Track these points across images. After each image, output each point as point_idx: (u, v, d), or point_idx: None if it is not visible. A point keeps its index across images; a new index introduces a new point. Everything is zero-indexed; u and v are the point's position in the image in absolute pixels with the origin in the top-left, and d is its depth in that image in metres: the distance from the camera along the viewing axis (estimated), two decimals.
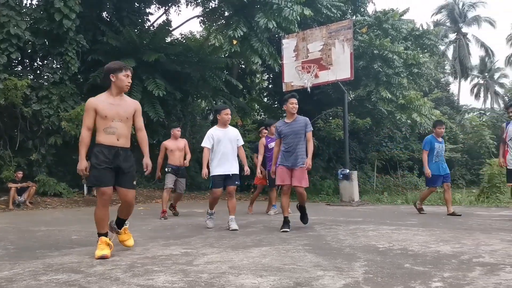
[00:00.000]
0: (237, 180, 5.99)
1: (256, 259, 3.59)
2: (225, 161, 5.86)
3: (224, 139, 5.90)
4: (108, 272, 3.14)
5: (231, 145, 5.94)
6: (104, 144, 3.90)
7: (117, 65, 4.07)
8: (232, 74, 18.12)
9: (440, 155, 7.81)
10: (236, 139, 6.03)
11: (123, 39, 13.38)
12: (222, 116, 6.02)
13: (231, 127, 6.22)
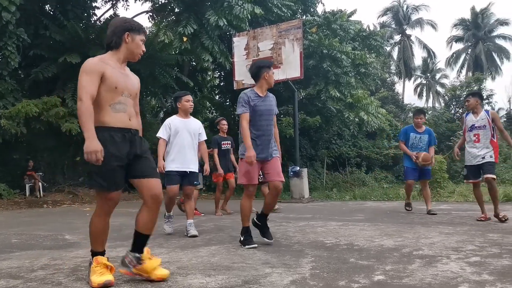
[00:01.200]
0: (196, 180, 5.30)
1: (205, 259, 3.58)
2: (183, 156, 5.13)
3: (183, 130, 5.16)
4: (49, 277, 3.02)
5: (191, 138, 5.20)
6: (113, 127, 2.81)
7: (137, 24, 3.02)
8: (183, 71, 17.86)
9: (417, 147, 7.21)
10: (198, 133, 5.31)
11: (67, 33, 12.83)
12: (182, 103, 5.22)
13: (194, 118, 5.45)
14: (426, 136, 7.28)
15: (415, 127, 7.30)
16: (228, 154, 8.07)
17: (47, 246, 4.54)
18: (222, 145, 8.00)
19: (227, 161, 8.03)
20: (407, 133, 7.33)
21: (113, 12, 17.77)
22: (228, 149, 8.08)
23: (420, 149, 7.18)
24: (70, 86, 12.67)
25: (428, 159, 7.03)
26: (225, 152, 8.01)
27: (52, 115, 11.61)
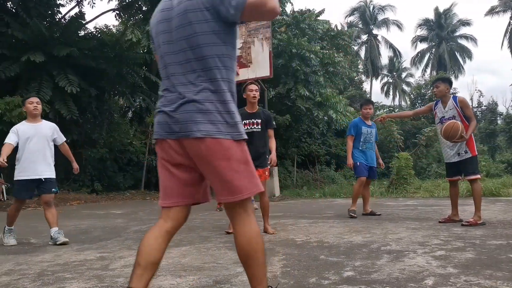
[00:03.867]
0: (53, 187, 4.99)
1: (176, 260, 3.56)
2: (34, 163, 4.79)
3: (35, 136, 4.83)
4: (14, 282, 2.93)
5: (47, 143, 4.91)
6: None
7: None
8: (151, 70, 17.62)
9: (369, 142, 6.57)
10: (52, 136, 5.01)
11: (30, 31, 12.41)
12: (26, 106, 4.89)
13: (45, 121, 5.15)
14: (374, 130, 6.71)
15: (364, 120, 6.62)
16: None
17: (11, 251, 4.40)
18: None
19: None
20: (358, 126, 6.56)
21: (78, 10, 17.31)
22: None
23: (372, 143, 6.61)
24: (33, 85, 12.26)
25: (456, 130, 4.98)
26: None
27: (15, 116, 11.19)
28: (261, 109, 5.12)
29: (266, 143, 5.03)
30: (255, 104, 5.00)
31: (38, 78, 12.45)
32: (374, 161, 6.68)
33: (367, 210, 6.70)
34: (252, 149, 4.47)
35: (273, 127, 5.08)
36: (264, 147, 4.98)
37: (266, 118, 4.99)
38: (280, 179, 13.87)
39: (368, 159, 6.58)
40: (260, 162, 4.82)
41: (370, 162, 6.60)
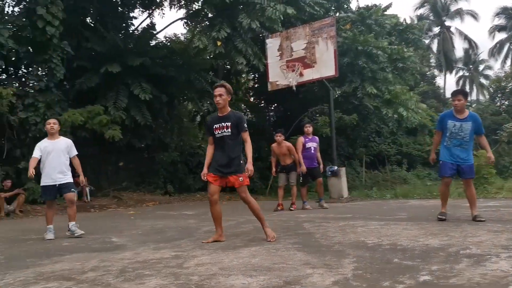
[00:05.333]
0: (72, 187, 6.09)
1: (246, 260, 3.62)
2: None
3: (53, 150, 5.91)
4: (99, 278, 3.15)
5: (63, 156, 5.99)
6: None
7: None
8: (217, 75, 18.10)
9: (455, 138, 5.72)
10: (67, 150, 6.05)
11: (107, 44, 13.33)
12: (46, 126, 6.05)
13: (63, 138, 6.21)
14: (469, 123, 5.69)
15: (455, 113, 5.77)
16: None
17: (96, 248, 4.74)
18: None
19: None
20: (443, 120, 5.89)
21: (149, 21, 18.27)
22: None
23: (461, 140, 5.71)
24: (111, 95, 13.14)
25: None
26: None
27: (96, 123, 12.08)
28: (233, 111, 4.81)
29: (239, 148, 4.73)
30: (223, 108, 4.71)
31: (115, 88, 13.32)
32: (465, 158, 5.76)
33: (473, 214, 5.80)
34: (223, 155, 4.60)
35: (245, 130, 4.68)
36: (236, 152, 4.67)
37: (236, 120, 4.65)
38: (348, 180, 13.56)
39: (454, 157, 5.75)
40: (234, 169, 4.62)
41: (456, 160, 5.74)
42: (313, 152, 8.97)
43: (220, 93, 4.64)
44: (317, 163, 9.10)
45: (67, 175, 6.05)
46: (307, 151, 8.91)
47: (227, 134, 4.64)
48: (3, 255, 4.55)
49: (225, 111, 4.73)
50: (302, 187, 9.14)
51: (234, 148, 4.66)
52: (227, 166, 4.63)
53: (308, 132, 9.05)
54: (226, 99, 4.67)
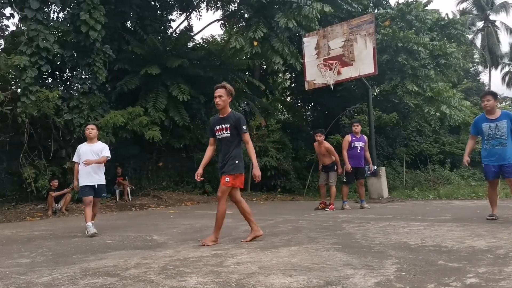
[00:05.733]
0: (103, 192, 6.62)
1: (285, 259, 3.60)
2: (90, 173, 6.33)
3: (90, 153, 6.35)
4: (142, 274, 3.23)
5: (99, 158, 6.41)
6: None
7: None
8: (254, 75, 18.16)
9: (494, 138, 5.69)
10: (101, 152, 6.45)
11: (147, 47, 13.65)
12: (85, 132, 6.55)
13: (99, 142, 6.67)
14: (504, 121, 5.64)
15: (486, 114, 5.79)
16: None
17: (138, 246, 4.86)
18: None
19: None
20: (477, 124, 5.90)
21: (187, 23, 18.60)
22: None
23: (500, 139, 5.63)
24: (151, 96, 13.45)
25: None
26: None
27: (136, 124, 12.41)
28: (233, 112, 4.77)
29: (238, 149, 4.70)
30: (223, 110, 4.72)
31: (154, 89, 13.63)
32: (506, 157, 5.62)
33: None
34: (220, 156, 4.73)
35: (245, 131, 4.64)
36: (233, 153, 4.65)
37: (235, 121, 4.64)
38: (388, 180, 13.27)
39: (494, 157, 5.68)
40: (226, 169, 4.63)
41: (497, 160, 5.66)
42: (359, 151, 8.81)
43: (220, 94, 4.64)
44: (363, 163, 8.96)
45: (102, 177, 6.52)
46: (353, 150, 8.79)
47: (226, 135, 4.67)
48: (51, 251, 4.74)
49: (225, 112, 4.73)
50: (345, 186, 9.02)
51: (232, 150, 4.66)
52: (222, 166, 4.71)
53: (356, 131, 8.89)
54: (226, 100, 4.66)
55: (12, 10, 11.80)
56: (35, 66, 10.85)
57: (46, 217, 10.25)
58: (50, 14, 12.86)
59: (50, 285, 3.01)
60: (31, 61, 10.69)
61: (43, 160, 11.72)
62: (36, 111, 10.77)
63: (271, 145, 17.59)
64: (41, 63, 11.02)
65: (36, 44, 10.91)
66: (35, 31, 10.96)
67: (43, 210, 10.89)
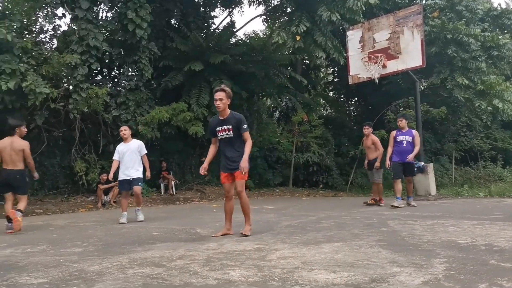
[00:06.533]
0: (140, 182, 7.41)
1: (328, 255, 3.57)
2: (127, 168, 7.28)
3: (127, 151, 7.30)
4: (187, 266, 3.30)
5: (135, 155, 7.33)
6: None
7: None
8: (296, 70, 18.05)
9: None
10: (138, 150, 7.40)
11: (190, 43, 13.86)
12: (120, 134, 7.56)
13: (134, 140, 7.57)
14: None
15: None
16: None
17: (182, 238, 4.97)
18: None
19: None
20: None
21: (229, 19, 18.73)
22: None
23: None
24: (194, 92, 13.67)
25: None
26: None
27: (180, 120, 12.66)
28: (232, 113, 5.05)
29: (240, 147, 4.98)
30: (223, 111, 4.99)
31: (197, 85, 13.84)
32: None
33: None
34: (229, 153, 5.01)
35: (245, 130, 4.95)
36: (238, 151, 4.96)
37: (236, 122, 4.94)
38: (436, 177, 12.78)
39: None
40: (237, 165, 4.89)
41: None
42: (405, 146, 8.46)
43: (220, 97, 4.92)
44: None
45: (139, 171, 7.32)
46: (399, 145, 8.51)
47: (229, 135, 4.98)
48: (101, 241, 4.95)
49: (225, 114, 5.01)
50: (394, 181, 8.70)
51: (238, 147, 4.98)
52: (232, 163, 4.97)
53: (400, 125, 8.62)
54: (226, 102, 4.96)
55: (64, 10, 12.36)
56: (86, 64, 11.30)
57: (96, 209, 10.70)
58: (99, 14, 13.34)
59: (101, 273, 3.14)
60: (81, 59, 11.15)
61: (93, 155, 12.23)
62: (86, 107, 11.23)
63: (313, 141, 17.45)
64: (91, 61, 11.47)
65: (87, 42, 11.37)
66: (85, 30, 11.41)
67: (93, 202, 11.38)
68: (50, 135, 12.08)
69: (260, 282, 2.72)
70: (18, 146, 6.31)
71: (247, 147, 4.95)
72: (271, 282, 2.73)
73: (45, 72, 10.42)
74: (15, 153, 6.28)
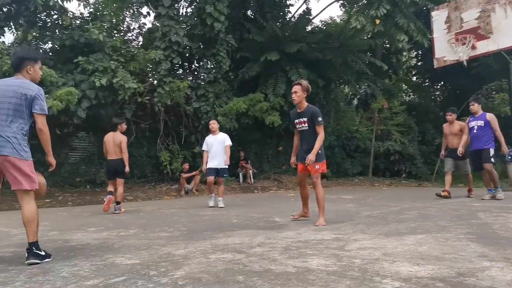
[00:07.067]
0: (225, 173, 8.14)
1: (412, 247, 3.43)
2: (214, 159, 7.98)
3: (214, 143, 7.99)
4: (266, 253, 3.37)
5: (221, 147, 7.98)
6: None
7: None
8: (375, 55, 17.41)
9: None
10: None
11: (266, 34, 13.96)
12: (209, 127, 8.27)
13: (221, 133, 8.22)
14: None
15: None
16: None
17: (260, 226, 5.08)
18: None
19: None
20: None
21: (305, 7, 18.51)
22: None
23: None
24: (270, 82, 13.79)
25: None
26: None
27: (257, 110, 12.87)
28: (308, 106, 5.20)
29: (314, 140, 5.07)
30: (300, 104, 5.18)
31: (274, 75, 13.93)
32: None
33: None
34: (305, 145, 5.20)
35: (319, 124, 5.05)
36: (310, 145, 5.07)
37: (311, 115, 5.08)
38: None
39: None
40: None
41: None
42: (476, 131, 7.67)
43: (295, 90, 5.16)
44: (485, 144, 7.60)
45: (224, 161, 7.98)
46: (470, 132, 7.80)
47: (305, 128, 5.16)
48: (186, 227, 5.22)
49: (302, 107, 5.19)
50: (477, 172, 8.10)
51: (313, 140, 5.08)
52: (307, 155, 5.09)
53: (472, 110, 7.86)
54: (301, 96, 5.14)
55: (148, 9, 13.09)
56: (168, 59, 11.90)
57: (179, 197, 11.30)
58: (179, 10, 13.93)
59: (186, 257, 3.33)
60: (164, 54, 11.75)
61: (176, 145, 12.90)
62: (169, 100, 11.85)
63: (394, 129, 16.79)
64: (173, 56, 12.05)
65: (169, 38, 11.95)
66: (167, 27, 12.00)
67: (177, 190, 12.02)
68: (138, 127, 12.94)
69: (339, 272, 2.70)
70: (118, 140, 7.47)
71: (318, 140, 5.05)
72: (350, 272, 2.70)
73: (132, 68, 11.15)
74: (116, 146, 7.45)
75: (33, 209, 3.36)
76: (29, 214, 3.34)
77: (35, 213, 3.37)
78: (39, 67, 3.62)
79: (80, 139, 13.73)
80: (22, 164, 3.32)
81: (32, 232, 3.33)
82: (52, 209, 8.72)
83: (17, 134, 3.34)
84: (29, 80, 3.52)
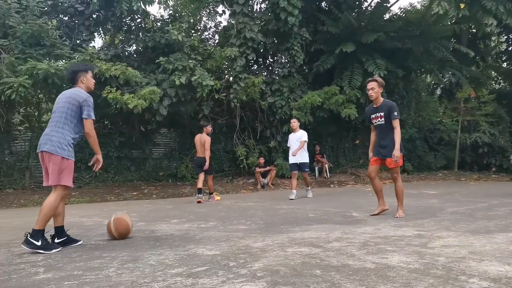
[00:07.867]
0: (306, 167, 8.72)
1: (502, 246, 3.20)
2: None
3: (294, 139, 8.69)
4: (343, 248, 3.34)
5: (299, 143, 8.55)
6: None
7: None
8: (460, 41, 16.28)
9: None
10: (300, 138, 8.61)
11: (341, 25, 13.63)
12: (290, 125, 9.07)
13: (301, 130, 8.78)
14: None
15: None
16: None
17: (337, 221, 5.03)
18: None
19: None
20: None
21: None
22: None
23: None
24: (346, 74, 13.48)
25: None
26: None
27: (333, 103, 12.66)
28: (385, 101, 5.34)
29: (391, 135, 5.13)
30: (376, 100, 5.30)
31: (349, 67, 13.59)
32: None
33: None
34: (382, 140, 5.28)
35: (395, 118, 5.10)
36: (387, 139, 5.17)
37: (388, 110, 5.17)
38: None
39: None
40: (386, 152, 5.17)
41: None
42: None
43: (372, 87, 5.25)
44: None
45: (304, 156, 8.57)
46: None
47: (381, 122, 5.25)
48: (263, 220, 5.33)
49: (378, 102, 5.32)
50: None
51: (389, 134, 5.17)
52: (383, 149, 5.24)
53: None
54: (377, 91, 5.26)
55: (223, 7, 13.42)
56: (243, 55, 12.12)
57: (256, 190, 11.51)
58: (253, 6, 14.09)
59: (264, 250, 3.40)
60: (239, 51, 11.98)
61: (251, 140, 13.13)
62: (244, 96, 12.08)
63: (483, 119, 15.64)
64: (247, 52, 12.25)
65: (243, 35, 12.16)
66: (242, 24, 12.22)
67: (253, 184, 12.25)
68: (215, 123, 13.37)
69: (421, 270, 2.60)
70: (203, 140, 8.52)
71: (397, 136, 5.11)
72: (434, 270, 2.59)
73: (209, 66, 11.54)
74: (202, 145, 8.52)
75: (52, 202, 3.72)
76: (46, 204, 3.71)
77: (52, 207, 3.72)
78: (90, 76, 4.11)
79: (162, 135, 14.50)
80: (56, 159, 3.74)
81: (39, 220, 3.67)
82: (139, 201, 9.35)
83: (62, 135, 3.79)
84: (84, 89, 4.03)
